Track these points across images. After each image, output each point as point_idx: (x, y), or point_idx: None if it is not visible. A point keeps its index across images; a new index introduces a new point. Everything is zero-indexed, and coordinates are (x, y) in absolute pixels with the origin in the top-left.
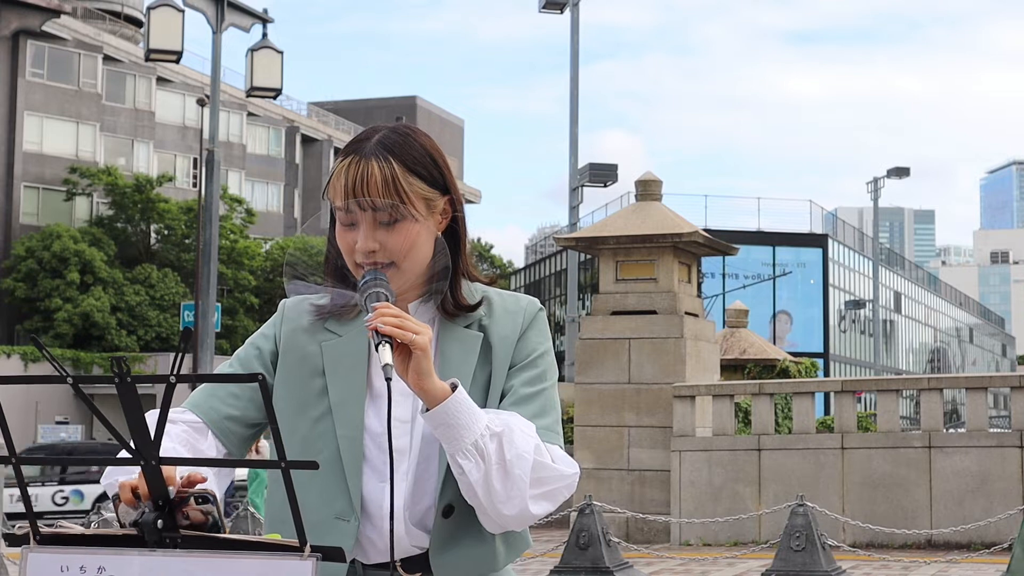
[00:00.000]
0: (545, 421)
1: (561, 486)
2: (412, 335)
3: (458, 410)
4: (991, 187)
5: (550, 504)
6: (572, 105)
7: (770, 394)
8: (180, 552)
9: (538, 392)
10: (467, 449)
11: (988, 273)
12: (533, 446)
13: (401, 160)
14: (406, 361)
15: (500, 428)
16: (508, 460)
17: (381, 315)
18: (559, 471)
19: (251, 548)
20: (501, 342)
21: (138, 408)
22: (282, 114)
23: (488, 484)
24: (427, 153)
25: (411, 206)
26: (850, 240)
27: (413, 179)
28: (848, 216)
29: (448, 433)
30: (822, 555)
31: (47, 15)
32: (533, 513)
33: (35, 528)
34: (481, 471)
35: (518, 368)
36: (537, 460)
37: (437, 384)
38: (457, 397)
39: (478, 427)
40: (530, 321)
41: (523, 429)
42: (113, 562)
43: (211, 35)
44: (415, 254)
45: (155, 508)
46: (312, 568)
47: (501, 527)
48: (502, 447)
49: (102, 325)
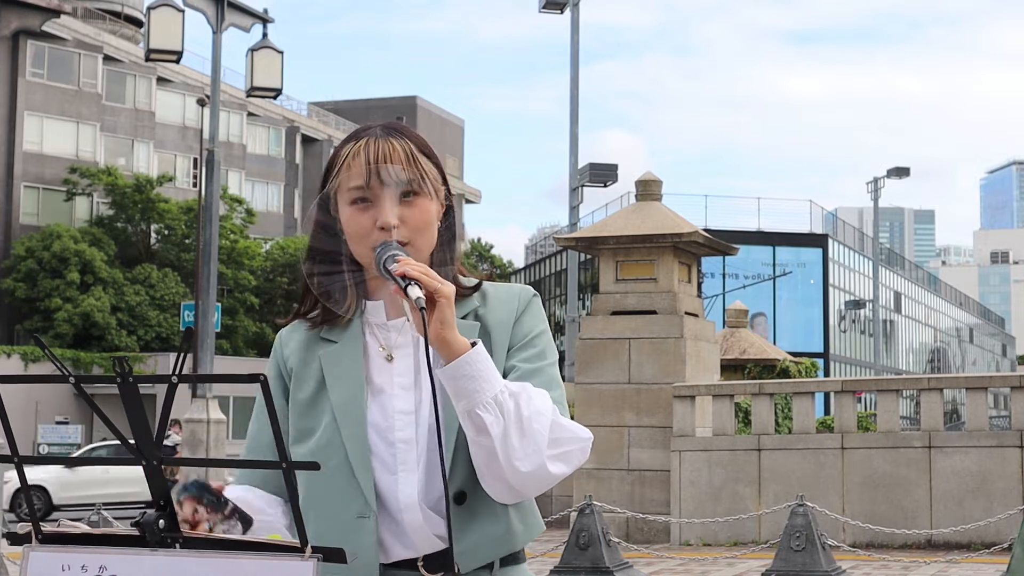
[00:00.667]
0: (552, 394)
1: (576, 448)
2: (437, 283)
3: (481, 362)
4: (991, 187)
5: (565, 466)
6: (572, 105)
7: (770, 394)
8: (181, 552)
9: (540, 368)
10: (487, 403)
11: (988, 273)
12: (551, 407)
13: (412, 140)
14: (430, 313)
15: (518, 389)
16: (526, 416)
17: (407, 263)
18: (575, 432)
19: (252, 548)
20: (497, 326)
21: (140, 408)
22: (282, 114)
23: (507, 439)
24: (425, 141)
25: (429, 182)
26: (850, 240)
27: (423, 159)
28: (848, 216)
29: (469, 386)
30: (822, 555)
31: (47, 15)
32: (550, 472)
33: (37, 527)
34: (501, 425)
35: (517, 348)
36: (555, 420)
37: (458, 337)
38: (479, 350)
39: (499, 382)
40: (525, 305)
41: (539, 391)
42: (115, 562)
43: (211, 35)
44: (429, 232)
45: (157, 508)
46: (313, 569)
47: (516, 492)
48: (519, 404)
49: (102, 325)
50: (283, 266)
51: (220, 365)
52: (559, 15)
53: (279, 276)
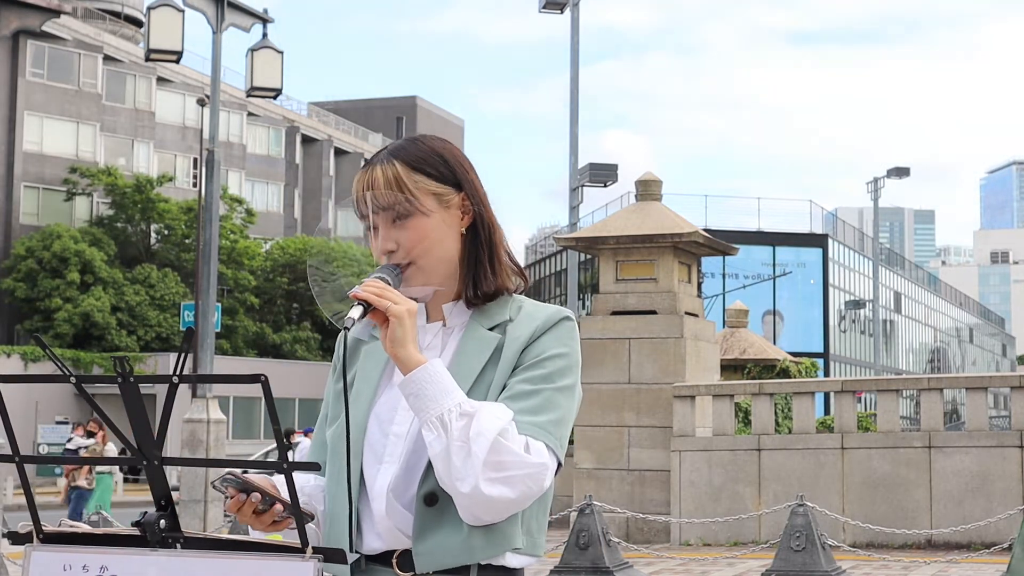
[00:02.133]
0: (538, 419)
1: (522, 473)
2: (388, 303)
3: (427, 381)
4: (991, 187)
5: (509, 490)
6: (572, 105)
7: (770, 394)
8: (182, 552)
9: (537, 391)
10: (431, 421)
11: (988, 273)
12: (499, 428)
13: (404, 160)
14: (386, 330)
15: (472, 409)
16: (471, 437)
17: (365, 285)
18: (522, 457)
19: (253, 549)
20: (511, 343)
21: (141, 408)
22: (282, 114)
23: (448, 459)
24: (435, 152)
25: (417, 201)
26: (850, 240)
27: (418, 176)
28: (848, 216)
29: (415, 403)
30: (822, 555)
31: (47, 15)
32: (486, 494)
33: (39, 527)
34: (443, 444)
35: (523, 368)
36: (499, 442)
37: (412, 354)
38: (428, 368)
39: (447, 402)
40: (549, 327)
41: (495, 413)
42: (116, 561)
43: (211, 35)
44: (429, 248)
45: (158, 508)
46: (313, 569)
47: (471, 514)
48: (468, 426)
49: (102, 325)
50: (283, 266)
51: (220, 365)
52: (559, 15)
53: (279, 276)
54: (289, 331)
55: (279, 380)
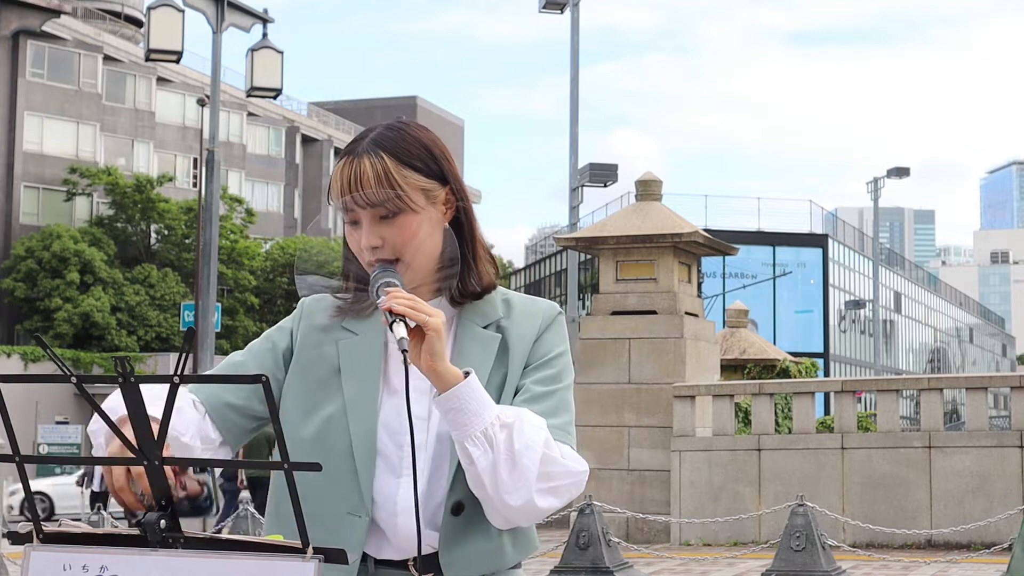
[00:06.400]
0: (557, 421)
1: (568, 483)
2: (425, 316)
3: (469, 396)
4: (991, 187)
5: (556, 500)
6: (572, 105)
7: (770, 394)
8: (183, 552)
9: (551, 392)
10: (476, 436)
11: (988, 273)
12: (543, 439)
13: (393, 154)
14: (419, 344)
15: (511, 419)
16: (516, 450)
17: (394, 297)
18: (567, 467)
19: (253, 549)
20: (518, 342)
21: (141, 408)
22: (282, 114)
23: (495, 473)
24: (421, 145)
25: (407, 198)
26: (850, 240)
27: (407, 171)
28: (848, 216)
29: (458, 419)
30: (822, 555)
31: (47, 15)
32: (539, 506)
33: (38, 527)
34: (489, 459)
35: (533, 368)
36: (546, 453)
37: (450, 368)
38: (469, 383)
39: (488, 415)
40: (549, 323)
41: (534, 422)
42: (116, 561)
43: (211, 35)
44: (419, 246)
45: (158, 508)
46: (314, 570)
47: (508, 521)
48: (512, 437)
49: (102, 325)
50: (283, 266)
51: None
52: (559, 15)
53: (279, 276)
54: None
55: None
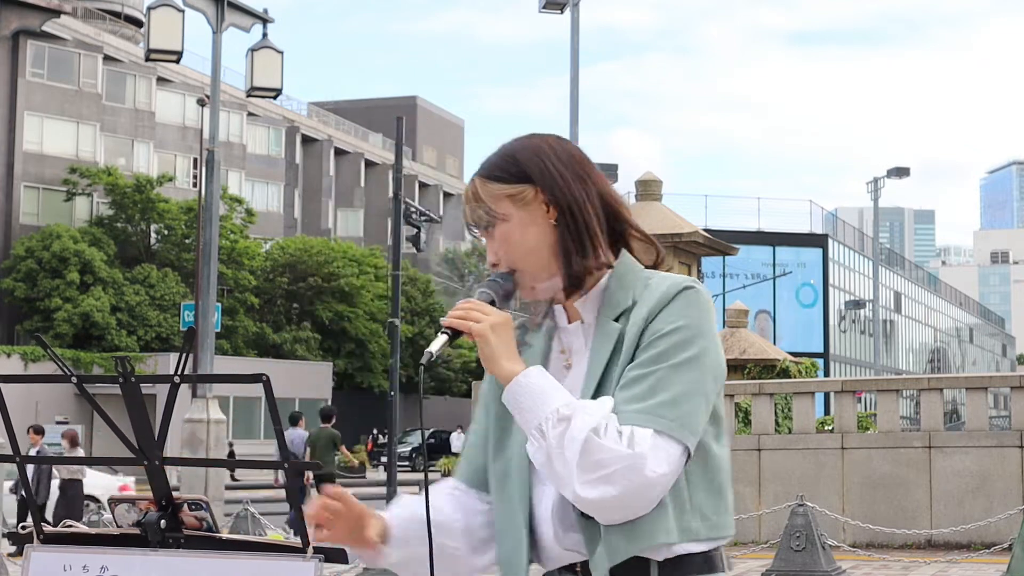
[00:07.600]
0: (646, 403)
1: (621, 467)
2: (469, 323)
3: (520, 393)
4: (991, 187)
5: (611, 487)
6: (572, 105)
7: (770, 394)
8: (183, 552)
9: (648, 373)
10: (532, 432)
11: (988, 273)
12: (590, 427)
13: (481, 173)
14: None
15: (570, 412)
16: (564, 443)
17: (456, 309)
18: (617, 451)
19: (254, 549)
20: (631, 328)
21: (142, 408)
22: (282, 114)
23: (551, 467)
24: (507, 153)
25: (491, 209)
26: (850, 240)
27: (491, 184)
28: (848, 216)
29: (518, 417)
30: (822, 555)
31: (47, 15)
32: (587, 498)
33: (39, 527)
34: (544, 454)
35: (640, 350)
36: (591, 441)
37: (504, 368)
38: (519, 381)
39: (544, 411)
40: (667, 301)
41: (589, 411)
42: (116, 561)
43: (211, 35)
44: (519, 251)
45: (158, 508)
46: (314, 569)
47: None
48: (564, 430)
49: (102, 325)
50: (283, 266)
51: (220, 365)
52: (559, 15)
53: (279, 276)
54: (289, 331)
55: (279, 380)
